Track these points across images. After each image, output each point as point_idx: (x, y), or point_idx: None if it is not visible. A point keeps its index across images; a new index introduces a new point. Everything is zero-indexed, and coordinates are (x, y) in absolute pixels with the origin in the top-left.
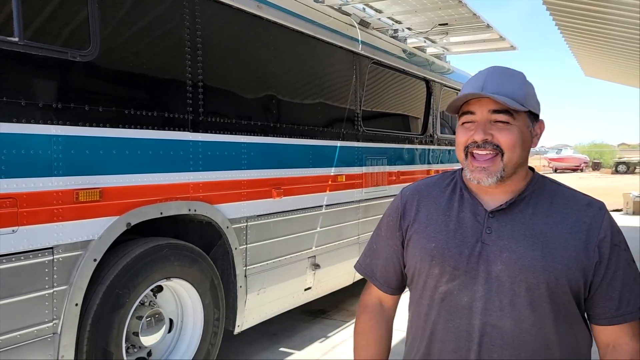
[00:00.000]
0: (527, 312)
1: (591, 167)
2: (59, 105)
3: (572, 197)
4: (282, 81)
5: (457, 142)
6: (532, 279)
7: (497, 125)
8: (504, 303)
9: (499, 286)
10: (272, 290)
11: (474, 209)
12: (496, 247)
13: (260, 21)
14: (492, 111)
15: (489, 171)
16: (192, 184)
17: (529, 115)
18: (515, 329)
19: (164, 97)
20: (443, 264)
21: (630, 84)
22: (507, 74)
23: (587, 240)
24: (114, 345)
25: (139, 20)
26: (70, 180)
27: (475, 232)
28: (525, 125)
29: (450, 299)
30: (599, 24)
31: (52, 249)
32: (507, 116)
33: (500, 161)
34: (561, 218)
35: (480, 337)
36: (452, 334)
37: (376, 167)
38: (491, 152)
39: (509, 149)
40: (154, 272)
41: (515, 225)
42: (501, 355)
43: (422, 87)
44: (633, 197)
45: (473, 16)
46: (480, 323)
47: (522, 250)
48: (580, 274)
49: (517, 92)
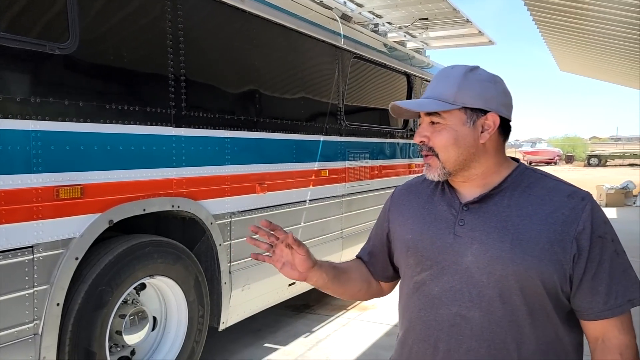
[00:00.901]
0: (497, 304)
1: (564, 160)
2: (37, 99)
3: (554, 189)
4: (265, 75)
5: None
6: (501, 270)
7: (434, 126)
8: (473, 294)
9: (469, 277)
10: (256, 286)
11: (450, 202)
12: (467, 238)
13: (242, 14)
14: (427, 113)
15: (431, 167)
16: (176, 180)
17: (465, 111)
18: (484, 320)
19: (145, 91)
20: (416, 254)
21: (604, 79)
22: (445, 74)
23: (562, 232)
24: (97, 345)
25: (120, 12)
26: (50, 177)
27: (449, 224)
28: (461, 122)
29: (423, 289)
30: (576, 19)
31: (32, 248)
32: (436, 117)
33: (437, 160)
34: (536, 209)
35: (449, 327)
36: (423, 322)
37: (359, 162)
38: (426, 153)
39: (441, 150)
40: (137, 270)
41: (487, 217)
42: (470, 345)
43: (403, 81)
44: (606, 189)
45: (453, 11)
46: (450, 313)
47: (492, 242)
48: (554, 268)
49: (447, 91)
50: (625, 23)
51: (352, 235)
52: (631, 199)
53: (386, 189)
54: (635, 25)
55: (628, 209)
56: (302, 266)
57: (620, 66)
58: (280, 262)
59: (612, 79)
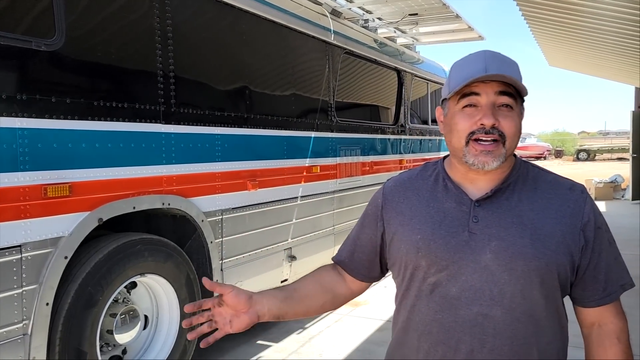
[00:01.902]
0: (518, 300)
1: (554, 154)
2: (23, 97)
3: (555, 182)
4: (255, 72)
5: (459, 129)
6: (523, 266)
7: (501, 110)
8: (494, 292)
9: (489, 275)
10: (248, 283)
11: (459, 199)
12: (484, 235)
13: (232, 10)
14: (499, 93)
15: (494, 154)
16: (166, 177)
17: (521, 102)
18: (507, 317)
19: (134, 88)
20: (430, 255)
21: (592, 74)
22: (504, 59)
23: (572, 224)
24: (88, 344)
25: (107, 8)
26: (37, 175)
27: (462, 221)
28: (520, 111)
29: (439, 290)
30: (565, 14)
31: (20, 247)
32: (512, 99)
33: (502, 147)
34: (546, 203)
35: (471, 328)
36: (442, 325)
37: (350, 158)
38: (496, 138)
39: (511, 137)
40: (128, 269)
41: (502, 212)
42: (494, 344)
43: (394, 77)
44: (595, 183)
45: (442, 6)
46: (471, 313)
47: (511, 238)
48: (568, 259)
49: (517, 76)
50: (614, 17)
51: (344, 231)
52: (620, 193)
53: (378, 184)
54: (624, 19)
55: (617, 202)
56: (240, 303)
57: (609, 61)
58: (228, 323)
59: (601, 73)
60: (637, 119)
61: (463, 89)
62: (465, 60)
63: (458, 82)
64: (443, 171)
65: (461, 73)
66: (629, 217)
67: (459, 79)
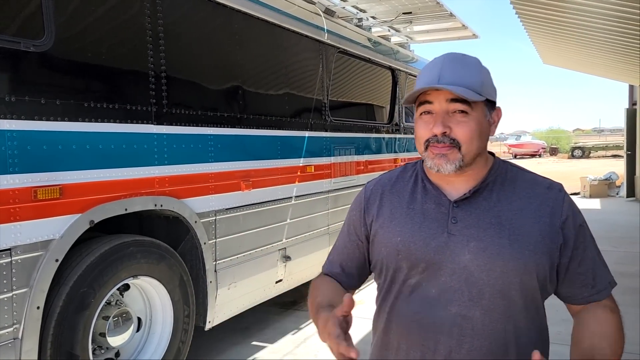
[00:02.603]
0: (497, 301)
1: (549, 152)
2: (12, 98)
3: (533, 181)
4: (248, 71)
5: (418, 136)
6: (502, 266)
7: (455, 116)
8: (473, 293)
9: (468, 276)
10: (243, 284)
11: (438, 200)
12: (463, 236)
13: (224, 9)
14: (450, 100)
15: (448, 158)
16: (158, 179)
17: (486, 103)
18: (485, 318)
19: (125, 89)
20: (409, 257)
21: (586, 72)
22: (462, 61)
23: (551, 223)
24: (80, 348)
25: (97, 8)
26: (27, 177)
27: (441, 223)
28: (483, 115)
29: (419, 291)
30: (559, 12)
31: (9, 251)
32: (465, 105)
33: (458, 152)
34: (525, 203)
35: (449, 328)
36: (421, 326)
37: (344, 157)
38: (447, 145)
39: (466, 142)
40: (120, 271)
41: (480, 213)
42: (472, 345)
43: (388, 76)
44: (590, 180)
45: (436, 5)
46: (450, 314)
47: (490, 239)
48: (547, 259)
49: (473, 80)
50: (607, 15)
51: (338, 231)
52: (614, 190)
53: None
54: (616, 17)
55: (611, 199)
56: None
57: (603, 59)
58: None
59: (595, 71)
60: (631, 116)
61: (420, 97)
62: (426, 66)
63: (415, 90)
64: (422, 172)
65: (420, 80)
66: (623, 214)
67: (417, 86)
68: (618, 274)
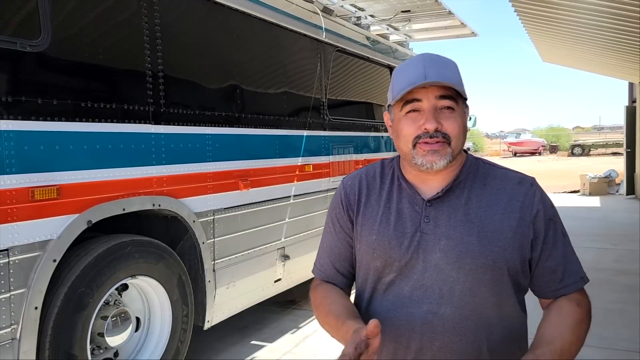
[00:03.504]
0: (467, 298)
1: (549, 150)
2: (9, 99)
3: (505, 177)
4: (246, 70)
5: (404, 134)
6: (471, 264)
7: (443, 112)
8: (444, 290)
9: (439, 274)
10: (241, 283)
11: (412, 199)
12: (434, 235)
13: (221, 8)
14: (439, 97)
15: (440, 154)
16: (156, 178)
17: (464, 100)
18: (456, 315)
19: (122, 88)
20: (384, 255)
21: (586, 69)
22: (441, 61)
23: (521, 218)
24: (78, 348)
25: (94, 7)
26: (24, 177)
27: (414, 222)
28: (463, 111)
29: (392, 289)
30: (558, 10)
31: (7, 251)
32: (452, 102)
33: (448, 147)
34: (494, 199)
35: (421, 325)
36: (394, 323)
37: (343, 156)
38: (440, 140)
39: (456, 137)
40: (118, 271)
41: (451, 211)
42: (443, 342)
43: (387, 74)
44: (589, 178)
45: (435, 3)
46: (421, 311)
47: (459, 237)
48: (517, 254)
49: (456, 78)
50: (606, 13)
51: None
52: (614, 188)
53: None
54: (615, 15)
55: (611, 197)
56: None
57: (602, 56)
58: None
59: (594, 69)
60: (630, 114)
61: (405, 95)
62: (405, 66)
63: (400, 89)
64: (398, 170)
65: (402, 79)
66: (623, 212)
67: (400, 85)
68: (617, 272)
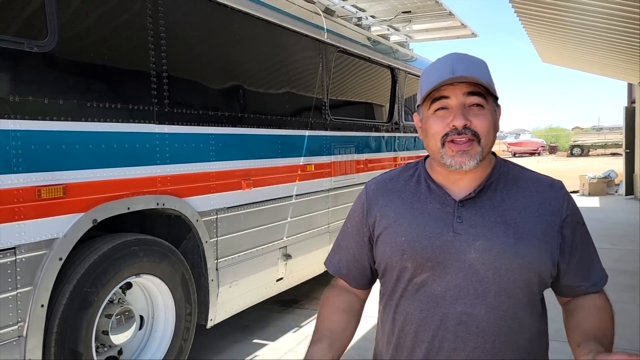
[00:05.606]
0: (502, 299)
1: (548, 150)
2: (16, 98)
3: (535, 179)
4: (249, 71)
5: (432, 132)
6: (507, 265)
7: (472, 109)
8: (479, 291)
9: (473, 274)
10: (244, 282)
11: (442, 200)
12: (469, 235)
13: (225, 9)
14: (468, 93)
15: (470, 154)
16: (160, 178)
17: (493, 99)
18: (490, 315)
19: (127, 89)
20: (415, 256)
21: (585, 70)
22: (470, 58)
23: (552, 221)
24: (83, 346)
25: (99, 8)
26: (31, 177)
27: (446, 222)
28: (493, 109)
29: (424, 290)
30: (558, 10)
31: (14, 249)
32: (481, 99)
33: (478, 146)
34: (528, 202)
35: (455, 326)
36: (426, 323)
37: (344, 156)
38: (470, 137)
39: (485, 134)
40: (123, 269)
41: (485, 212)
42: (477, 342)
43: (387, 75)
44: (589, 178)
45: (435, 3)
46: (455, 312)
47: (495, 238)
48: (549, 256)
49: (485, 75)
50: (605, 14)
51: (338, 229)
52: (613, 188)
53: None
54: (615, 16)
55: (610, 197)
56: None
57: (602, 57)
58: None
59: (594, 69)
60: (630, 114)
61: (433, 93)
62: (433, 66)
63: (427, 87)
64: (425, 172)
65: (430, 78)
66: (622, 212)
67: (428, 83)
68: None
